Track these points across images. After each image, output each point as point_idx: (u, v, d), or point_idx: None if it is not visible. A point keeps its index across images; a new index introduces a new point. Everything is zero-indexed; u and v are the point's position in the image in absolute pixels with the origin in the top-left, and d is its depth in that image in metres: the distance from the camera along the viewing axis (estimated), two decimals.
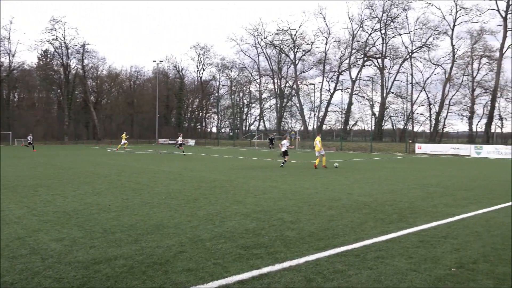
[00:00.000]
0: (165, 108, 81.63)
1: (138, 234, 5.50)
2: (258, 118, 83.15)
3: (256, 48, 74.52)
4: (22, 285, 3.65)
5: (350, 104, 66.03)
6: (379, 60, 63.08)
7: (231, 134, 78.88)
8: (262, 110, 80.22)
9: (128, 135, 39.40)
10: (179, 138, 29.77)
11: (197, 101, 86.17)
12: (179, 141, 29.17)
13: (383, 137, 62.23)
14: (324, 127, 70.42)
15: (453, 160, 25.91)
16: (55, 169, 15.92)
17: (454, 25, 54.59)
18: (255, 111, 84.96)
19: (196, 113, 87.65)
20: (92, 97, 76.94)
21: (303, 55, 70.59)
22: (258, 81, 78.20)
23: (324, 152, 17.65)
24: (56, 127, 68.74)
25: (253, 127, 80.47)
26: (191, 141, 61.52)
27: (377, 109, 64.23)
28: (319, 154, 17.50)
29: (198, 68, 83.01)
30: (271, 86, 76.63)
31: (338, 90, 68.09)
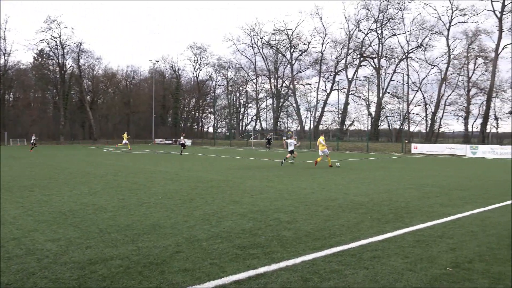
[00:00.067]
0: (161, 108, 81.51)
1: (134, 234, 5.49)
2: (254, 118, 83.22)
3: (253, 48, 74.66)
4: (17, 286, 3.63)
5: (346, 104, 66.18)
6: (376, 60, 63.30)
7: (227, 134, 78.78)
8: (258, 110, 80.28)
9: (129, 136, 39.30)
10: (181, 137, 29.88)
11: (194, 101, 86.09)
12: (181, 141, 29.29)
13: (379, 137, 62.41)
14: (321, 127, 70.55)
15: (449, 160, 26.02)
16: (51, 169, 15.85)
17: (449, 26, 54.92)
18: (252, 111, 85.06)
19: (193, 113, 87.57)
20: (88, 97, 76.73)
21: (300, 55, 70.74)
22: (254, 81, 78.29)
23: (328, 152, 18.01)
24: (52, 127, 68.51)
25: (249, 127, 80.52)
26: (187, 141, 61.47)
27: (373, 109, 64.47)
28: (322, 153, 17.87)
29: (194, 68, 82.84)
30: (267, 86, 76.76)
31: (335, 90, 68.30)
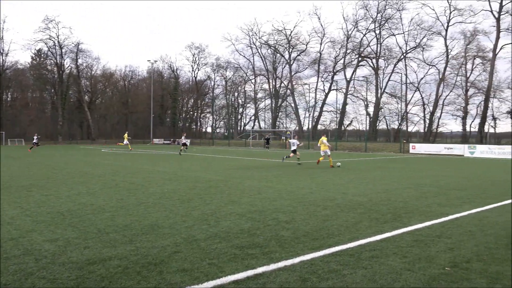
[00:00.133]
0: (159, 108, 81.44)
1: (132, 234, 5.48)
2: (253, 118, 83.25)
3: (251, 48, 74.67)
4: (15, 286, 3.62)
5: (344, 104, 66.25)
6: (374, 60, 63.43)
7: (226, 134, 78.83)
8: (257, 110, 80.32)
9: (130, 137, 39.25)
10: (182, 137, 29.97)
11: (192, 101, 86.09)
12: (183, 140, 29.39)
13: (377, 137, 62.47)
14: (319, 127, 70.61)
15: (447, 160, 26.07)
16: (49, 169, 15.82)
17: (447, 26, 55.04)
18: (250, 111, 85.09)
19: (191, 113, 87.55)
20: (86, 97, 76.61)
21: (298, 55, 70.79)
22: (253, 81, 78.30)
23: (330, 153, 18.16)
24: (50, 127, 68.40)
25: (248, 127, 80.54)
26: (186, 142, 61.41)
27: (371, 109, 64.55)
28: (324, 153, 18.09)
29: (193, 68, 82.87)
30: (266, 86, 76.79)
31: (333, 90, 68.40)
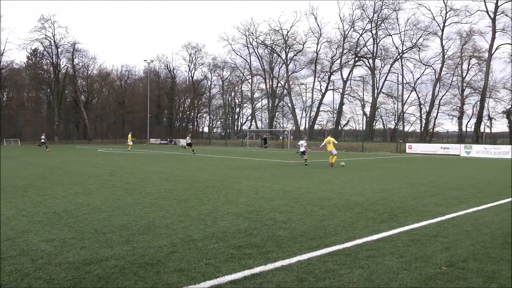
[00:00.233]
0: (156, 108, 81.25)
1: (129, 234, 5.47)
2: (250, 118, 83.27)
3: (248, 48, 74.56)
4: (11, 287, 3.61)
5: (341, 104, 66.33)
6: (370, 61, 63.46)
7: (223, 134, 78.78)
8: (254, 110, 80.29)
9: (133, 138, 39.11)
10: (187, 138, 30.14)
11: (189, 100, 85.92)
12: (188, 141, 29.57)
13: (374, 137, 62.61)
14: (316, 127, 70.73)
15: (443, 159, 26.16)
16: (45, 169, 15.76)
17: (444, 26, 55.18)
18: (247, 111, 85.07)
19: (188, 113, 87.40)
20: (82, 97, 76.34)
21: (295, 55, 70.76)
22: (249, 81, 78.21)
23: (336, 153, 18.63)
24: (46, 127, 68.00)
25: (245, 127, 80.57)
26: (182, 141, 61.30)
27: (368, 109, 64.63)
28: (331, 153, 18.63)
29: (189, 68, 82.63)
30: (262, 86, 76.75)
31: (330, 90, 68.48)
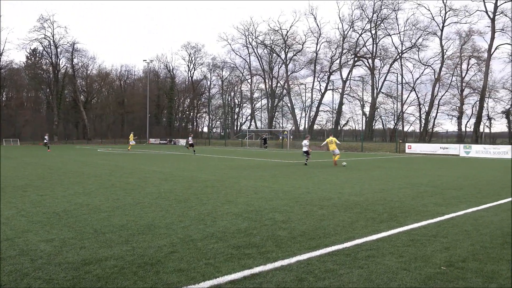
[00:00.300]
0: (156, 107, 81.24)
1: (129, 234, 5.47)
2: (249, 117, 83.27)
3: (247, 47, 74.61)
4: (11, 287, 3.61)
5: (341, 104, 66.38)
6: (370, 61, 63.53)
7: (222, 134, 78.78)
8: (253, 110, 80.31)
9: (136, 136, 39.02)
10: (189, 137, 30.21)
11: (188, 100, 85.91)
12: (190, 141, 29.67)
13: (373, 137, 62.67)
14: (315, 127, 70.77)
15: (442, 159, 26.17)
16: (45, 169, 15.74)
17: (443, 26, 55.26)
18: (247, 110, 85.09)
19: (187, 112, 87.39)
20: (82, 97, 76.32)
21: (294, 55, 70.82)
22: (249, 80, 78.24)
23: (338, 152, 18.81)
24: (45, 127, 67.94)
25: (244, 127, 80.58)
26: (182, 141, 61.31)
27: (367, 109, 64.70)
28: (333, 153, 18.79)
29: (189, 68, 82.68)
30: (262, 86, 76.79)
31: (329, 90, 68.55)
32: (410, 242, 5.20)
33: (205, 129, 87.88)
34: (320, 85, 69.84)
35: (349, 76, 65.86)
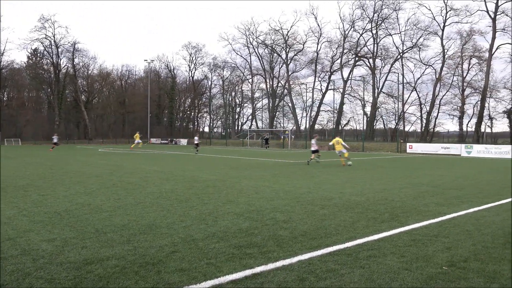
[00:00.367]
0: (157, 107, 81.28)
1: (130, 234, 5.47)
2: (250, 117, 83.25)
3: (248, 47, 74.55)
4: (13, 286, 3.61)
5: (342, 103, 66.34)
6: (371, 60, 63.44)
7: (223, 133, 78.79)
8: (254, 110, 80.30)
9: (141, 135, 38.97)
10: (196, 137, 30.36)
11: (189, 100, 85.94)
12: (196, 141, 29.78)
13: (374, 137, 62.64)
14: (316, 126, 70.71)
15: (443, 159, 26.14)
16: (46, 169, 15.76)
17: (444, 26, 55.15)
18: (248, 110, 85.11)
19: (188, 112, 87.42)
20: (83, 97, 76.38)
21: (295, 54, 70.75)
22: (250, 80, 78.22)
23: (345, 151, 18.87)
24: (47, 126, 68.04)
25: (245, 127, 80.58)
26: (183, 141, 61.34)
27: (368, 109, 64.66)
28: (339, 153, 19.04)
29: (190, 68, 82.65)
30: (263, 85, 76.76)
31: (330, 89, 68.49)
32: (411, 242, 5.20)
33: (206, 129, 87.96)
34: (321, 85, 69.82)
35: (350, 76, 65.85)
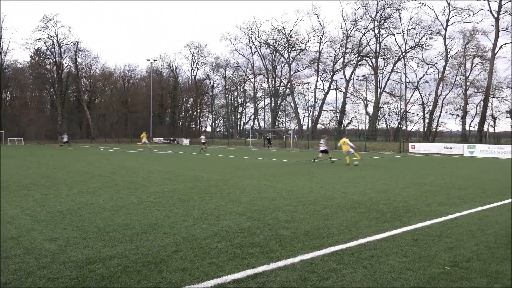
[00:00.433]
0: (159, 107, 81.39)
1: (132, 233, 5.48)
2: (252, 117, 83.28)
3: (250, 47, 74.67)
4: (15, 285, 3.62)
5: (344, 103, 66.29)
6: (373, 60, 63.43)
7: (225, 133, 78.86)
8: (256, 109, 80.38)
9: (147, 134, 39.11)
10: (201, 136, 30.53)
11: (191, 100, 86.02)
12: (203, 140, 29.95)
13: (377, 137, 62.57)
14: (319, 126, 70.69)
15: (446, 159, 26.08)
16: (49, 168, 15.81)
17: (447, 25, 55.07)
18: (250, 110, 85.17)
19: (191, 112, 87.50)
20: (85, 96, 76.57)
21: (297, 54, 70.79)
22: (252, 80, 78.26)
23: (352, 151, 19.02)
24: (49, 126, 68.28)
25: (247, 126, 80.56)
26: (185, 140, 61.40)
27: (371, 109, 64.64)
28: (347, 153, 19.08)
29: (192, 67, 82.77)
30: (265, 85, 76.84)
31: (332, 89, 68.47)
32: (414, 242, 5.19)
33: (208, 129, 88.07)
34: (323, 85, 69.88)
35: (353, 76, 65.80)
